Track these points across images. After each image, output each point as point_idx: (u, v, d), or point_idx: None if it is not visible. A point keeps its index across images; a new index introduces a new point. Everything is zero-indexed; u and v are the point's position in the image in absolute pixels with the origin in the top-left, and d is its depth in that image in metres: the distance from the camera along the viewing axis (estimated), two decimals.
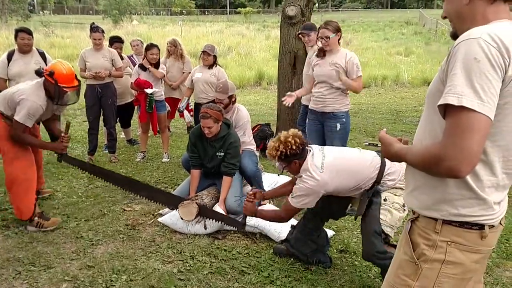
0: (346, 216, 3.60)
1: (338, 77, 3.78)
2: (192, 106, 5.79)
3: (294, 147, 2.60)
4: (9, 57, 4.77)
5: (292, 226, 3.13)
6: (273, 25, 28.61)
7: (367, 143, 1.84)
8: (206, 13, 45.36)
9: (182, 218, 3.43)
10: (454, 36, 1.33)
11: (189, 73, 5.79)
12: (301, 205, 2.67)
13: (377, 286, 2.79)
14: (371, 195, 2.59)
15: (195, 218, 3.42)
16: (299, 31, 4.96)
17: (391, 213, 2.58)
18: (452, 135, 1.16)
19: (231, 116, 4.18)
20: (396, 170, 2.62)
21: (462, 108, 1.14)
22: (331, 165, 2.60)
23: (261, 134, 5.88)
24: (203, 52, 5.27)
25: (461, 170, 1.16)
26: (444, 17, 1.39)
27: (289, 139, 2.60)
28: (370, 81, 13.95)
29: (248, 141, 4.25)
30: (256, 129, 5.89)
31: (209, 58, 5.28)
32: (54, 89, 3.36)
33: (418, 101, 11.34)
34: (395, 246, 2.66)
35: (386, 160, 2.62)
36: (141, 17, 33.09)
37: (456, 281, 1.36)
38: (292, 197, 2.68)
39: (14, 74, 4.72)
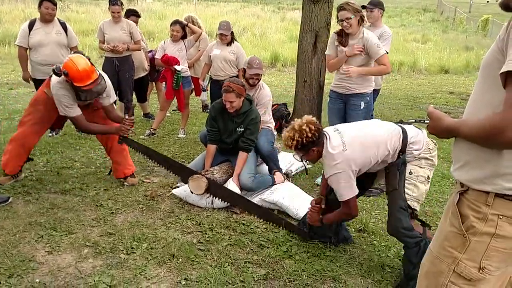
0: (363, 197, 3.60)
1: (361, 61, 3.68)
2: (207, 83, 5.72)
3: (309, 134, 2.52)
4: (30, 26, 4.76)
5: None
6: (288, 7, 28.13)
7: (413, 120, 1.79)
8: None
9: (192, 192, 3.43)
10: (506, 6, 1.27)
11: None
12: (348, 192, 2.54)
13: (395, 265, 2.78)
14: (400, 167, 2.52)
15: (204, 192, 3.39)
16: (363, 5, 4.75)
17: (417, 187, 2.54)
18: None
19: (254, 93, 4.14)
20: (420, 139, 2.55)
21: None
22: (352, 141, 2.53)
23: (278, 114, 5.85)
24: (220, 34, 5.19)
25: None
26: None
27: (304, 127, 2.53)
28: None
29: (267, 120, 4.23)
30: (273, 108, 5.84)
31: (227, 37, 5.21)
32: (73, 88, 3.31)
33: (435, 88, 11.16)
34: (420, 221, 2.65)
35: (408, 129, 2.56)
36: None
37: (505, 255, 1.33)
38: (337, 192, 2.59)
39: (35, 43, 4.72)
